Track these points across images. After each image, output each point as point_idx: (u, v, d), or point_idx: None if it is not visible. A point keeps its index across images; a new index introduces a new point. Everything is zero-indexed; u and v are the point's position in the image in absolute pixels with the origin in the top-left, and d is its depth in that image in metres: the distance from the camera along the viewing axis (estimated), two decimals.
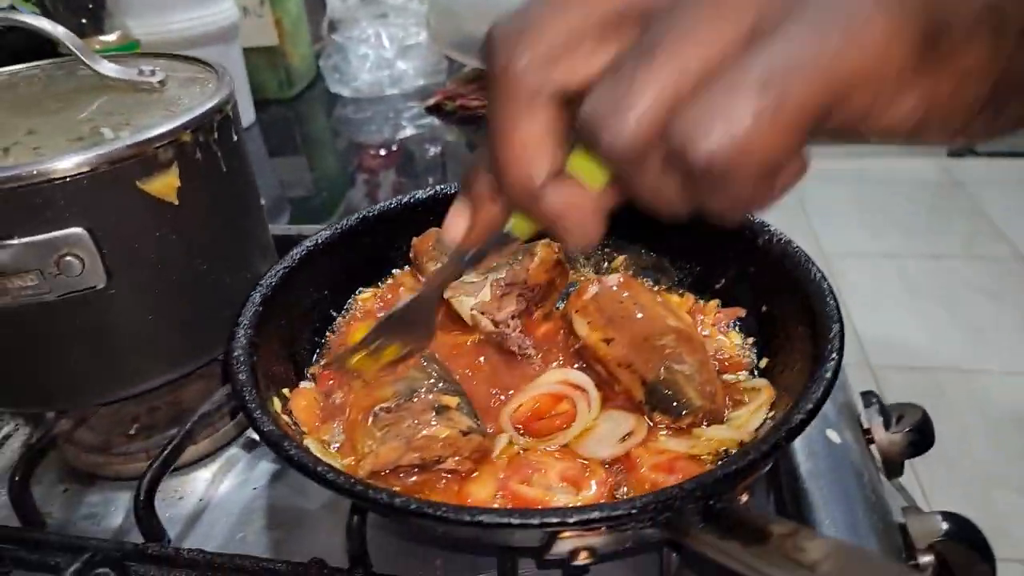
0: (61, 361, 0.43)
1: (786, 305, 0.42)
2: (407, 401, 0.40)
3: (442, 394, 0.39)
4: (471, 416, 0.39)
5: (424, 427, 0.37)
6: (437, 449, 0.38)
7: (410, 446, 0.38)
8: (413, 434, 0.37)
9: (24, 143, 0.40)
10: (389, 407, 0.40)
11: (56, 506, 0.49)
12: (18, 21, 0.43)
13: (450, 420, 0.38)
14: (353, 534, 0.37)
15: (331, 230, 0.52)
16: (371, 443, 0.38)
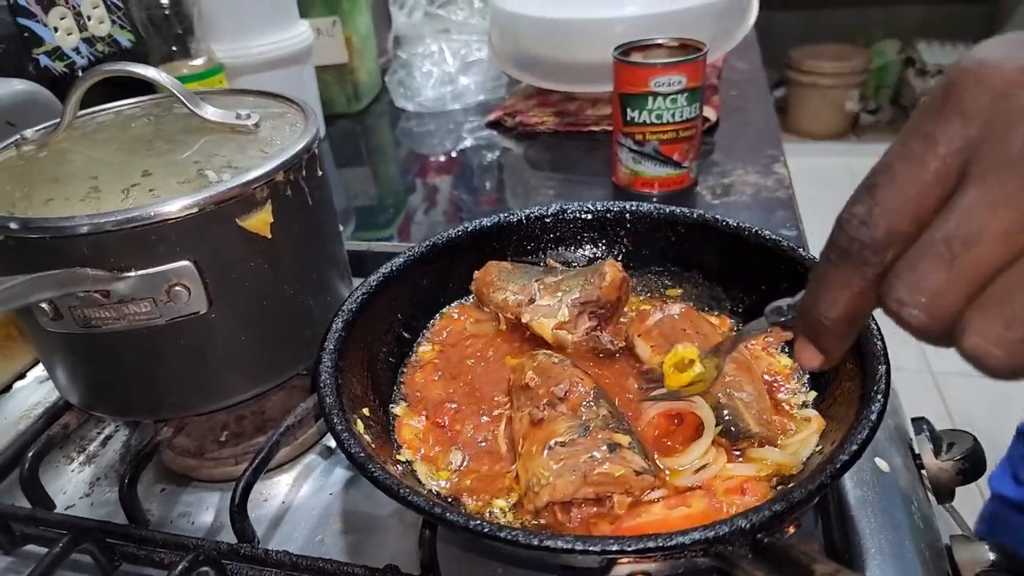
0: (167, 377, 0.48)
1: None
2: (581, 437, 0.41)
3: (614, 432, 0.41)
4: (642, 455, 0.40)
5: (601, 463, 0.39)
6: (611, 486, 0.39)
7: (587, 481, 0.39)
8: (590, 469, 0.39)
9: (141, 184, 0.44)
10: (563, 441, 0.42)
11: (155, 504, 0.54)
12: (132, 72, 0.48)
13: (623, 458, 0.39)
14: (425, 545, 0.41)
15: (404, 257, 0.55)
16: (547, 475, 0.40)
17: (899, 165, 0.24)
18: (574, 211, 0.60)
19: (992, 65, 0.22)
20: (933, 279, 0.23)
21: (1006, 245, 0.22)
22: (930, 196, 0.23)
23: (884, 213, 0.24)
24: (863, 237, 0.24)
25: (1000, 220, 0.22)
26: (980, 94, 0.22)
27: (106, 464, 0.58)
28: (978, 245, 0.22)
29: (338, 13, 1.09)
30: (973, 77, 0.23)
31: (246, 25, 0.94)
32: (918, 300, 0.23)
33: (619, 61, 0.77)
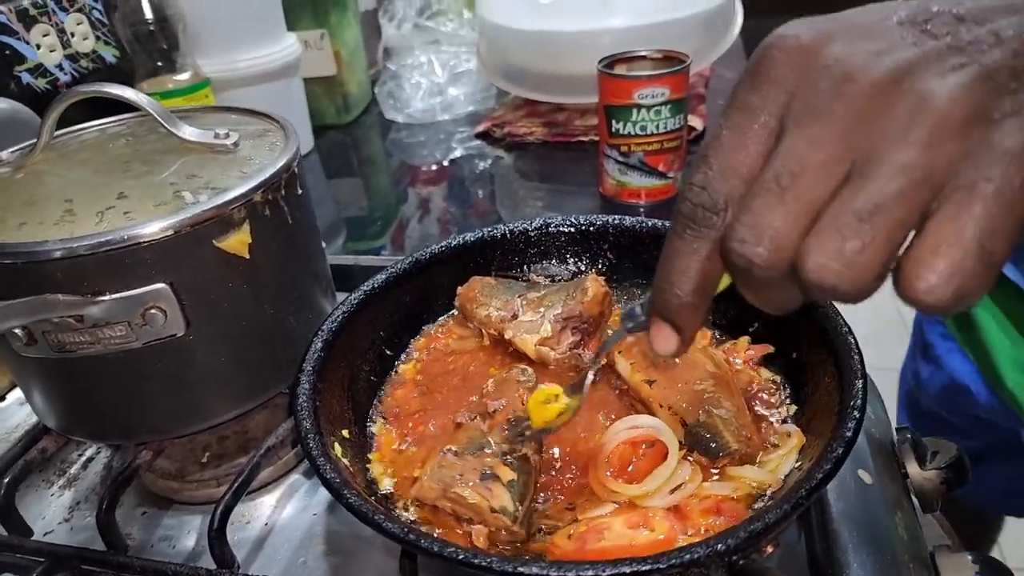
0: (145, 400, 0.48)
1: (815, 355, 0.44)
2: (471, 454, 0.42)
3: (503, 464, 0.41)
4: (515, 498, 0.39)
5: (463, 484, 0.39)
6: (463, 509, 0.39)
7: (445, 494, 0.40)
8: (451, 484, 0.40)
9: (117, 207, 0.44)
10: (456, 451, 0.43)
11: (136, 528, 0.53)
12: (107, 93, 0.47)
13: (489, 490, 0.39)
14: (406, 569, 0.40)
15: (385, 274, 0.55)
16: (426, 474, 0.41)
17: (726, 135, 0.27)
18: (557, 225, 0.60)
19: (791, 36, 0.26)
20: (768, 213, 0.25)
21: (826, 173, 0.24)
22: (756, 154, 0.26)
23: (719, 174, 0.26)
24: (703, 200, 0.26)
25: (818, 153, 0.24)
26: (785, 60, 0.26)
27: (86, 488, 0.57)
28: (803, 176, 0.24)
29: (326, 26, 1.09)
30: (776, 48, 0.26)
31: (233, 39, 0.94)
32: (758, 236, 0.25)
33: (603, 74, 0.77)
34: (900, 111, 0.23)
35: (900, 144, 0.23)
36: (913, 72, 0.24)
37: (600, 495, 0.40)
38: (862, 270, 0.23)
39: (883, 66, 0.24)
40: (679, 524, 0.38)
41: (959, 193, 0.22)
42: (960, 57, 0.24)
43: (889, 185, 0.23)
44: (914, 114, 0.23)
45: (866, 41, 0.25)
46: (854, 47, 0.25)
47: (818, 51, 0.25)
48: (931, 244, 0.23)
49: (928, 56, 0.24)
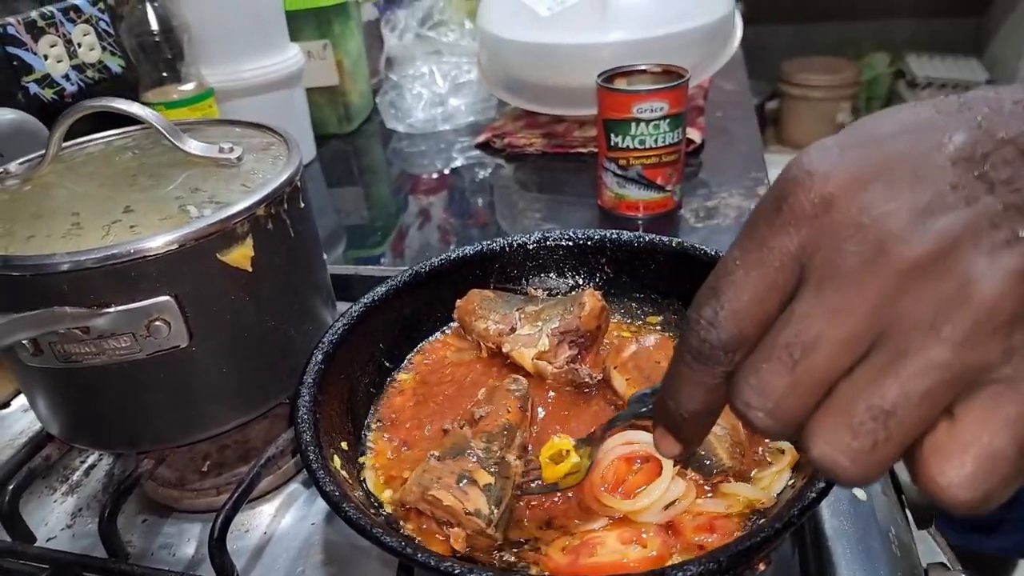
0: (147, 409, 0.49)
1: None
2: (452, 458, 0.43)
3: (482, 468, 0.42)
4: (491, 502, 0.40)
5: (440, 487, 0.40)
6: (441, 511, 0.40)
7: (423, 496, 0.41)
8: (429, 487, 0.41)
9: (123, 221, 0.45)
10: (439, 456, 0.44)
11: (137, 535, 0.54)
12: (114, 108, 0.48)
13: (464, 493, 0.40)
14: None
15: (386, 286, 0.56)
16: (412, 477, 0.43)
17: (740, 273, 0.24)
18: (555, 239, 0.61)
19: (819, 174, 0.23)
20: (776, 384, 0.23)
21: (843, 352, 0.22)
22: (770, 300, 0.24)
23: (729, 316, 0.24)
24: (711, 339, 0.24)
25: (836, 328, 0.22)
26: (808, 205, 0.23)
27: (88, 494, 0.58)
28: (816, 351, 0.22)
29: (329, 36, 1.10)
30: (801, 186, 0.23)
31: (237, 49, 0.95)
32: (763, 404, 0.23)
33: (602, 88, 0.78)
34: (938, 297, 0.21)
35: (933, 337, 0.21)
36: (959, 247, 0.21)
37: (595, 510, 0.41)
38: (870, 467, 0.22)
39: (924, 237, 0.21)
40: (672, 540, 0.38)
41: (997, 387, 0.20)
42: (1018, 225, 0.20)
43: (913, 383, 0.21)
44: (954, 303, 0.20)
45: (908, 191, 0.22)
46: (891, 201, 0.22)
47: (850, 200, 0.22)
48: (960, 438, 0.21)
49: (979, 223, 0.21)
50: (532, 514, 0.42)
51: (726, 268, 0.25)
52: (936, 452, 0.21)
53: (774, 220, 0.23)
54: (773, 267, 0.23)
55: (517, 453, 0.44)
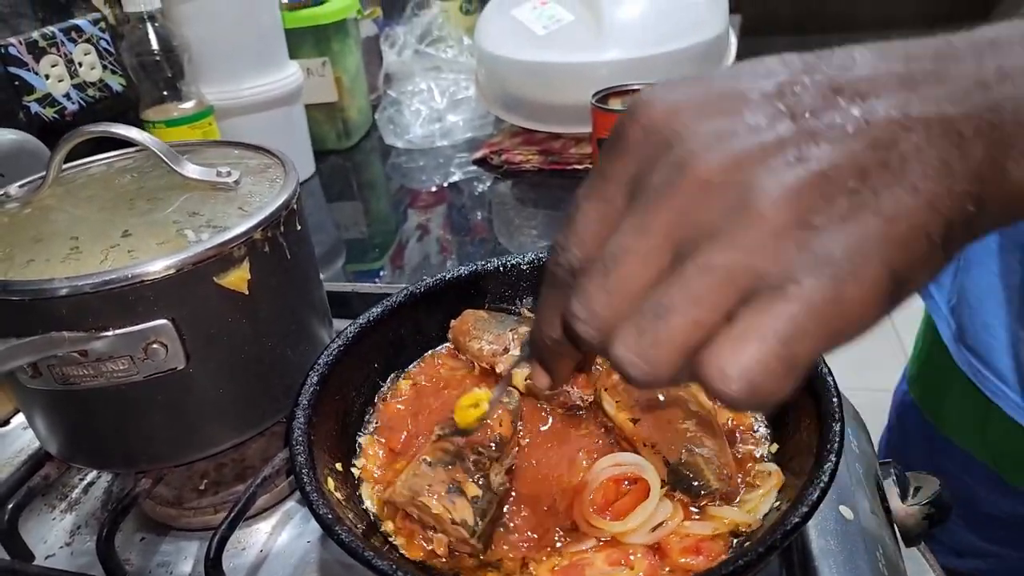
0: (145, 430, 0.49)
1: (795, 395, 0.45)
2: (443, 466, 0.44)
3: (471, 480, 0.43)
4: (477, 514, 0.41)
5: (430, 495, 0.42)
6: (427, 517, 0.42)
7: (412, 501, 0.42)
8: (419, 493, 0.42)
9: (121, 245, 0.46)
10: (431, 462, 0.44)
11: (134, 553, 0.55)
12: (113, 133, 0.49)
13: (453, 503, 0.41)
14: None
15: (381, 307, 0.57)
16: (400, 479, 0.44)
17: (584, 198, 0.27)
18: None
19: (644, 103, 0.25)
20: (592, 294, 0.25)
21: (646, 262, 0.24)
22: (606, 223, 0.26)
23: (574, 238, 0.26)
24: (561, 260, 0.27)
25: (639, 241, 0.24)
26: (636, 132, 0.25)
27: (87, 512, 0.58)
28: (623, 264, 0.24)
29: (328, 53, 1.11)
30: (631, 117, 0.25)
31: (236, 68, 0.96)
32: (582, 312, 0.25)
33: (596, 108, 0.79)
34: (722, 208, 0.23)
35: (711, 243, 0.23)
36: (744, 165, 0.22)
37: (583, 530, 0.42)
38: (655, 364, 0.23)
39: (717, 155, 0.23)
40: (659, 562, 0.39)
41: (768, 293, 0.22)
42: (806, 147, 0.22)
43: (690, 284, 0.23)
44: (734, 213, 0.22)
45: (715, 118, 0.24)
46: (699, 125, 0.24)
47: (664, 125, 0.24)
48: (730, 334, 0.22)
49: (767, 146, 0.23)
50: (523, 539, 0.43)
51: (577, 199, 0.27)
52: (709, 348, 0.22)
53: (610, 151, 0.26)
54: (608, 193, 0.26)
55: (504, 472, 0.45)
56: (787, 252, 0.22)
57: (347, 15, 1.13)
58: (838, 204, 0.22)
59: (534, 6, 1.02)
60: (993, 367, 0.68)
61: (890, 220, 0.21)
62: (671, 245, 0.24)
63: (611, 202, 0.26)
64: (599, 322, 0.25)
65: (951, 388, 0.75)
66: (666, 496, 0.42)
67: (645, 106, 0.25)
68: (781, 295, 0.22)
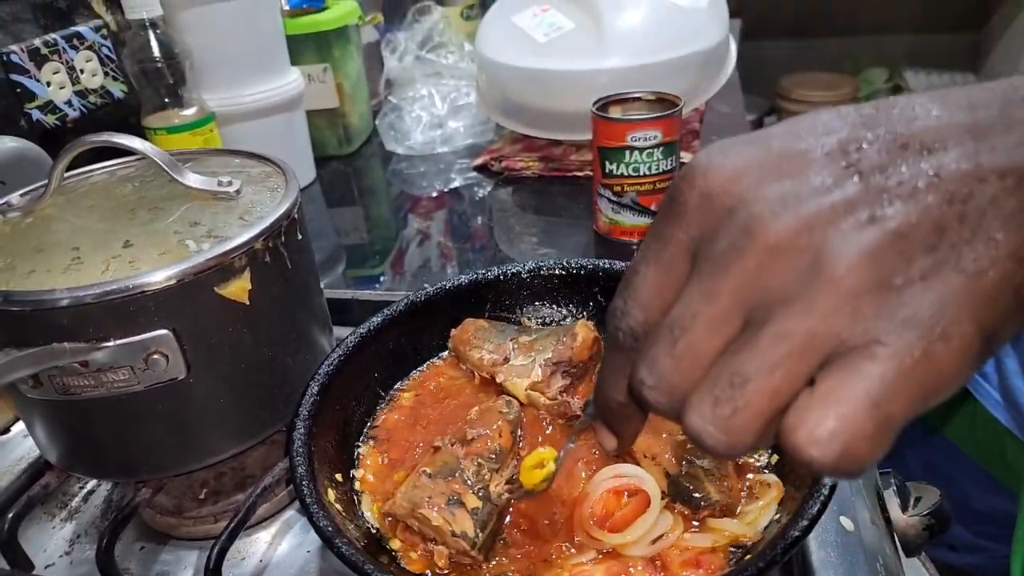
0: (145, 440, 0.49)
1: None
2: (443, 478, 0.44)
3: (471, 492, 0.43)
4: (477, 525, 0.42)
5: (431, 507, 0.42)
6: (428, 529, 0.42)
7: (412, 513, 0.43)
8: (419, 505, 0.42)
9: (122, 256, 0.46)
10: (431, 473, 0.45)
11: (134, 562, 0.55)
12: (115, 143, 0.49)
13: (453, 515, 0.42)
14: None
15: (381, 316, 0.57)
16: (400, 491, 0.44)
17: (642, 263, 0.26)
18: (548, 268, 0.62)
19: (701, 168, 0.25)
20: (662, 361, 0.25)
21: (716, 328, 0.24)
22: (668, 288, 0.26)
23: (635, 304, 0.26)
24: (623, 327, 0.27)
25: (708, 307, 0.24)
26: (695, 197, 0.25)
27: (87, 520, 0.58)
28: (692, 330, 0.24)
29: (329, 60, 1.11)
30: (688, 183, 0.25)
31: (238, 74, 0.96)
32: (651, 379, 0.25)
33: (597, 116, 0.79)
34: (795, 272, 0.22)
35: (786, 308, 0.22)
36: (815, 227, 0.22)
37: (583, 542, 0.42)
38: (735, 434, 0.23)
39: (785, 218, 0.22)
40: (659, 575, 0.39)
41: (852, 356, 0.21)
42: (878, 207, 0.22)
43: (767, 352, 0.22)
44: (809, 278, 0.22)
45: (779, 181, 0.23)
46: (763, 189, 0.23)
47: (726, 190, 0.24)
48: (818, 395, 0.22)
49: (837, 208, 0.22)
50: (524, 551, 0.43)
51: (634, 262, 0.27)
52: (795, 411, 0.22)
53: (669, 214, 0.26)
54: (668, 257, 0.26)
55: (505, 482, 0.45)
56: (868, 314, 0.21)
57: (348, 21, 1.13)
58: (918, 263, 0.21)
59: (535, 13, 1.02)
60: None
61: (974, 276, 0.21)
62: (741, 311, 0.23)
63: (673, 266, 0.25)
64: (669, 389, 0.24)
65: None
66: (666, 508, 0.42)
67: (703, 170, 0.25)
68: (868, 356, 0.21)
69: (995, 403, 0.66)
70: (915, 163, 0.22)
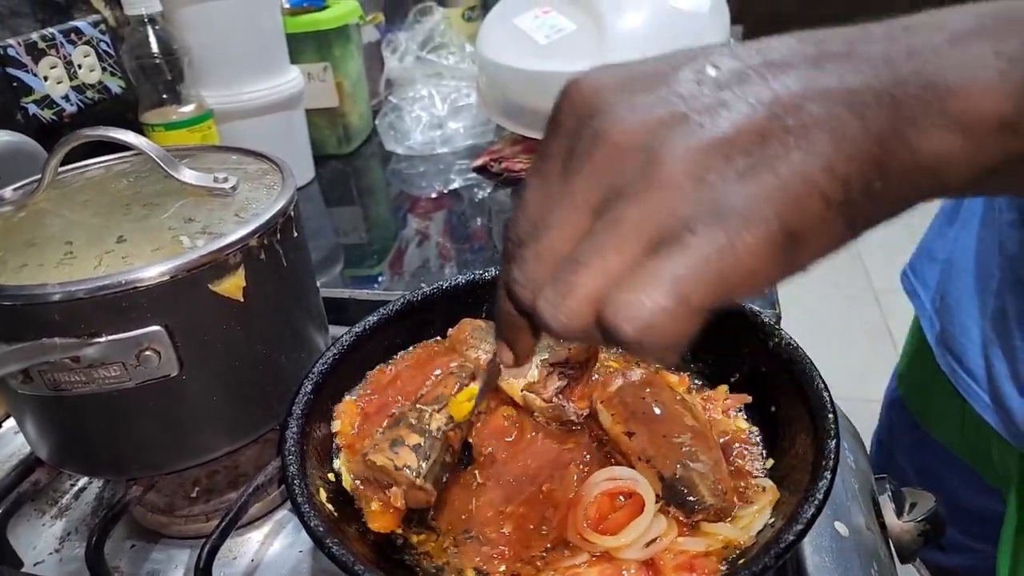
0: (136, 437, 0.49)
1: (791, 409, 0.45)
2: (391, 429, 0.46)
3: (413, 432, 0.45)
4: (420, 458, 0.44)
5: (376, 452, 0.44)
6: (379, 474, 0.44)
7: (364, 463, 0.45)
8: (368, 453, 0.45)
9: (115, 251, 0.45)
10: (382, 430, 0.47)
11: (124, 561, 0.54)
12: (110, 137, 0.49)
13: (396, 454, 0.44)
14: None
15: (377, 315, 0.56)
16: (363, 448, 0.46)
17: (528, 176, 0.29)
18: None
19: (574, 83, 0.27)
20: (527, 258, 0.27)
21: (571, 225, 0.26)
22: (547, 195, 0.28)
23: (521, 214, 0.28)
24: (511, 235, 0.29)
25: (566, 207, 0.26)
26: (565, 109, 0.27)
27: (77, 518, 0.58)
28: (552, 227, 0.26)
29: (329, 59, 1.11)
30: (562, 99, 0.27)
31: (237, 72, 0.96)
32: (520, 276, 0.27)
33: None
34: (631, 169, 0.25)
35: (621, 201, 0.25)
36: (655, 131, 0.24)
37: (577, 544, 0.41)
38: (568, 312, 0.25)
39: (630, 123, 0.25)
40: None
41: (668, 243, 0.24)
42: (714, 115, 0.24)
43: (599, 237, 0.25)
44: (641, 172, 0.24)
45: (633, 94, 0.26)
46: (618, 99, 0.26)
47: (589, 102, 0.26)
48: (633, 276, 0.24)
49: (677, 115, 0.24)
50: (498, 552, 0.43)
51: (525, 177, 0.29)
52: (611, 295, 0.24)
53: (547, 130, 0.28)
54: (546, 168, 0.28)
55: (445, 419, 0.47)
56: (686, 204, 0.23)
57: (349, 20, 1.13)
58: (737, 163, 0.23)
59: (536, 15, 1.01)
60: (967, 366, 0.69)
61: (785, 178, 0.23)
62: (590, 209, 0.26)
63: (549, 176, 0.28)
64: (532, 284, 0.27)
65: (934, 387, 0.77)
66: (660, 511, 0.42)
67: (574, 85, 0.27)
68: (678, 244, 0.23)
69: (984, 406, 0.66)
70: (757, 83, 0.24)
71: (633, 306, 0.23)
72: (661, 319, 0.23)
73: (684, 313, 0.23)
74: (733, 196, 0.23)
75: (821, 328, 2.44)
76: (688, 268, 0.23)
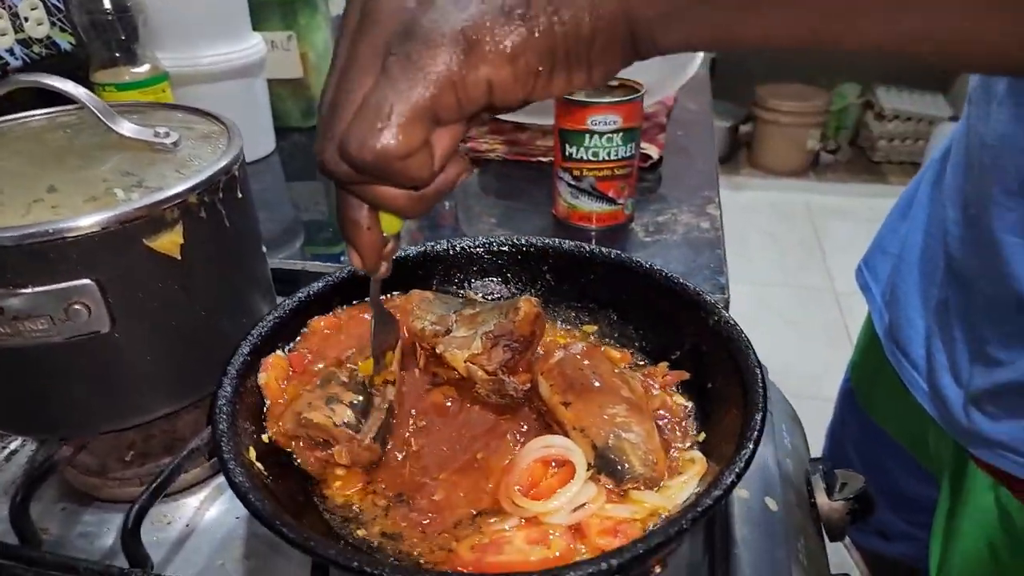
0: (66, 394, 0.48)
1: (727, 386, 0.46)
2: (321, 388, 0.46)
3: (347, 390, 0.46)
4: (358, 414, 0.45)
5: (311, 410, 0.44)
6: (316, 432, 0.44)
7: (298, 422, 0.45)
8: (301, 412, 0.45)
9: (45, 201, 0.44)
10: (310, 388, 0.47)
11: (54, 523, 0.53)
12: (44, 84, 0.47)
13: (333, 411, 0.44)
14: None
15: (323, 282, 0.56)
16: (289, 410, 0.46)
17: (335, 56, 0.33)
18: (498, 244, 0.61)
19: None
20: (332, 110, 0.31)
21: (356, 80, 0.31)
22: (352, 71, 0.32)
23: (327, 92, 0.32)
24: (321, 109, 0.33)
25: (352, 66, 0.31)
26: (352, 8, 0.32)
27: (7, 480, 0.57)
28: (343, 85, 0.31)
29: (295, 28, 1.09)
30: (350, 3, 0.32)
31: (194, 34, 0.94)
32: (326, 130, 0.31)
33: (560, 97, 0.78)
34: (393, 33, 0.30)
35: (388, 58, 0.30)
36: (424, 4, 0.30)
37: (508, 509, 0.42)
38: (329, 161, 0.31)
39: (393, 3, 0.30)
40: (577, 543, 0.39)
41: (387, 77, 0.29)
42: None
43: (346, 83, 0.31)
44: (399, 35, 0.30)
45: None
46: None
47: None
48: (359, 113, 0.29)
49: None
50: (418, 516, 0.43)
51: None
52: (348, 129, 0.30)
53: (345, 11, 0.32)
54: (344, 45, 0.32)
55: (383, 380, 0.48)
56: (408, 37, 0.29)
57: None
58: None
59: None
60: (911, 358, 0.72)
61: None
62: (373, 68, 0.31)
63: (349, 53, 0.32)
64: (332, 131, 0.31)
65: (881, 377, 0.79)
66: (591, 479, 0.42)
67: None
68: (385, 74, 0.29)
69: (924, 395, 0.68)
70: None
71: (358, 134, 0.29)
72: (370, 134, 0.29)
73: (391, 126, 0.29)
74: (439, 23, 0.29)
75: (782, 328, 2.49)
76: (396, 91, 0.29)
